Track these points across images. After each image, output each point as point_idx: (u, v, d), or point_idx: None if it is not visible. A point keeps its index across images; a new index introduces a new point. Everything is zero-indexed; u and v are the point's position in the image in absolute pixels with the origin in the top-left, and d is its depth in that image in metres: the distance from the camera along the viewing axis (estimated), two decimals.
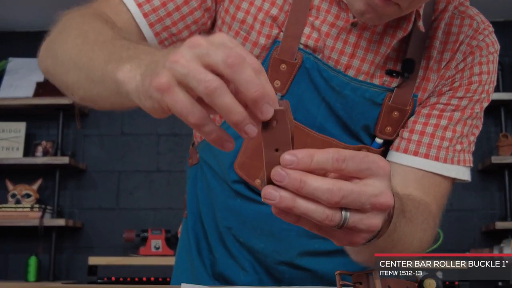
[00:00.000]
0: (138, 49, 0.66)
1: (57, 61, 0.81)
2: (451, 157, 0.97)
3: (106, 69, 0.65)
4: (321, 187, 0.55)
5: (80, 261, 3.59)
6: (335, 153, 0.55)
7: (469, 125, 0.99)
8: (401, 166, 0.97)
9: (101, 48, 0.71)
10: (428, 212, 0.92)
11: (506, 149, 3.39)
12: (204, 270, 1.07)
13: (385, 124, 0.97)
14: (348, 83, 0.94)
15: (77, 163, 3.62)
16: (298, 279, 1.01)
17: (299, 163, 0.55)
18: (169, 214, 3.62)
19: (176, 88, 0.54)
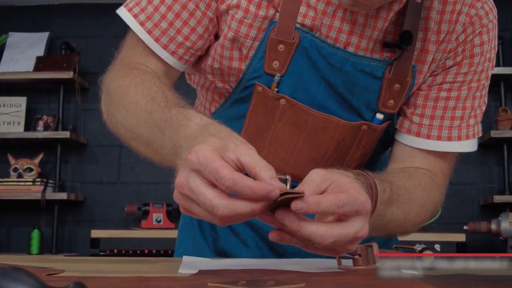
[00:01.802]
0: (167, 129, 0.77)
1: (122, 136, 0.92)
2: (465, 133, 0.99)
3: (167, 156, 0.78)
4: (315, 232, 0.66)
5: (82, 234, 3.63)
6: (337, 200, 0.67)
7: (478, 97, 1.00)
8: (411, 148, 1.00)
9: (146, 130, 0.83)
10: (431, 185, 0.96)
11: (505, 123, 3.40)
12: (206, 246, 1.09)
13: (387, 98, 0.97)
14: (348, 59, 0.94)
15: (78, 137, 3.62)
16: (300, 253, 1.02)
17: (308, 209, 0.65)
18: (170, 188, 3.62)
19: (191, 211, 0.68)
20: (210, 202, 0.64)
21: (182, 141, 0.72)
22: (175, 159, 0.74)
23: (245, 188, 0.63)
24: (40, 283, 0.40)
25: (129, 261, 0.98)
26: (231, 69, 0.97)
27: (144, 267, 0.84)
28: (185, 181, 0.66)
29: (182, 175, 0.66)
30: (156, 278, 0.65)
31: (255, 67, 0.96)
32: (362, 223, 0.70)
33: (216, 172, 0.63)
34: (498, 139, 3.39)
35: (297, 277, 0.67)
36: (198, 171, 0.65)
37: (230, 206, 0.63)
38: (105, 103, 0.97)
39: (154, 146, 0.81)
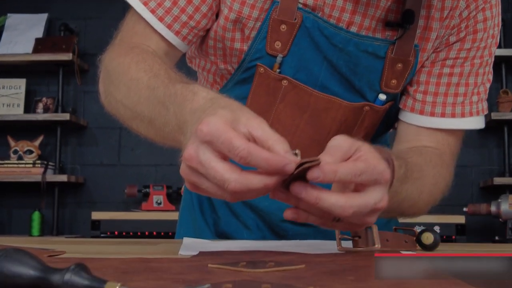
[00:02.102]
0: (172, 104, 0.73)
1: (122, 116, 0.89)
2: (469, 110, 0.99)
3: (170, 133, 0.74)
4: (335, 204, 0.63)
5: (83, 216, 3.64)
6: (354, 168, 0.64)
7: (481, 74, 0.99)
8: (416, 126, 1.00)
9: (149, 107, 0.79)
10: (441, 163, 0.95)
11: (506, 106, 3.39)
12: (207, 228, 1.09)
13: (389, 77, 0.97)
14: (351, 39, 0.94)
15: (78, 119, 3.62)
16: (301, 235, 1.03)
17: (324, 178, 0.62)
18: (170, 170, 3.65)
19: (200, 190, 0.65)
20: (221, 176, 0.60)
21: (188, 115, 0.69)
22: (179, 136, 0.71)
23: (260, 160, 0.59)
24: (41, 264, 0.40)
25: (130, 243, 0.98)
26: (233, 50, 0.97)
27: (145, 248, 0.85)
28: (195, 153, 0.61)
29: (191, 147, 0.62)
30: (156, 259, 0.65)
31: (257, 48, 0.95)
32: (381, 193, 0.67)
33: (230, 143, 0.59)
34: (498, 121, 3.39)
35: (297, 259, 0.67)
36: (209, 143, 0.61)
37: (242, 180, 0.60)
38: (103, 83, 0.94)
39: (157, 124, 0.77)
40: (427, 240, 0.78)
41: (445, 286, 0.48)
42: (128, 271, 0.56)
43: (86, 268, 0.40)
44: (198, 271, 0.57)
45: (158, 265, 0.60)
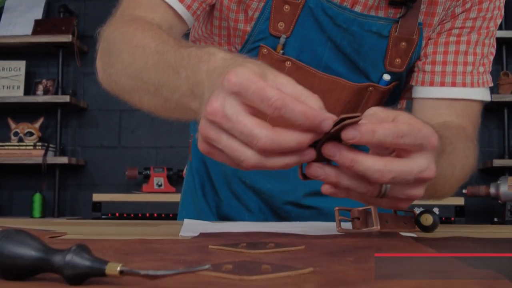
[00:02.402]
0: (183, 67, 0.67)
1: (123, 89, 0.82)
2: (477, 80, 0.97)
3: (179, 101, 0.68)
4: (372, 167, 0.57)
5: (84, 198, 3.65)
6: (395, 129, 0.58)
7: (487, 45, 0.99)
8: (429, 100, 0.98)
9: (157, 73, 0.72)
10: (466, 136, 0.92)
11: (507, 87, 3.38)
12: (209, 211, 1.10)
13: (393, 56, 0.96)
14: (355, 18, 0.93)
15: (78, 101, 3.62)
16: (303, 217, 1.03)
17: (361, 138, 0.56)
18: (170, 152, 3.66)
19: (215, 152, 0.58)
20: (250, 131, 0.53)
21: (205, 76, 0.62)
22: (190, 102, 0.65)
23: (296, 112, 0.53)
24: (42, 245, 0.40)
25: (131, 224, 0.99)
26: (236, 31, 0.96)
27: (145, 230, 0.85)
28: (220, 106, 0.55)
29: (215, 99, 0.55)
30: (157, 241, 0.66)
31: (260, 29, 0.94)
32: (427, 160, 0.60)
33: (263, 92, 0.53)
34: (498, 103, 3.38)
35: (297, 240, 0.68)
36: (238, 94, 0.55)
37: (274, 137, 0.54)
38: (102, 56, 0.88)
39: (164, 91, 0.70)
40: (426, 221, 0.78)
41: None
42: (129, 252, 0.56)
43: (87, 249, 0.40)
44: (198, 252, 0.57)
45: (158, 246, 0.60)
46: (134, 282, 0.40)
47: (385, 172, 0.57)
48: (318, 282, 0.41)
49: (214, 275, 0.43)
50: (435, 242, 0.67)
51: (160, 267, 0.47)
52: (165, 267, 0.47)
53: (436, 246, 0.61)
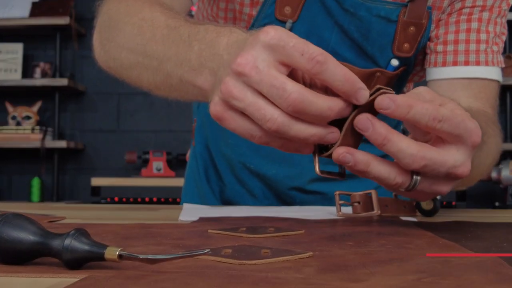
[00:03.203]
0: (198, 41, 0.62)
1: (122, 65, 0.77)
2: (491, 59, 0.95)
3: (183, 76, 0.63)
4: (405, 150, 0.53)
5: (83, 182, 3.66)
6: (435, 111, 0.53)
7: (499, 24, 0.96)
8: (444, 81, 0.95)
9: (164, 46, 0.67)
10: (490, 120, 0.87)
11: (509, 71, 3.37)
12: (212, 196, 1.09)
13: (402, 41, 0.95)
14: (363, 3, 0.92)
15: (76, 84, 3.61)
16: (308, 203, 1.03)
17: (395, 110, 0.52)
18: (170, 136, 3.65)
19: (230, 115, 0.54)
20: (282, 84, 0.50)
21: (223, 48, 0.57)
22: (196, 77, 0.61)
23: (337, 72, 0.50)
24: (41, 229, 0.40)
25: (130, 209, 0.99)
26: (242, 14, 0.95)
27: (145, 214, 0.85)
28: (252, 58, 0.51)
29: (249, 52, 0.51)
30: (157, 225, 0.65)
31: (266, 13, 0.93)
32: (464, 156, 0.56)
33: (305, 46, 0.50)
34: (501, 87, 3.36)
35: (297, 224, 0.67)
36: (275, 49, 0.51)
37: (306, 93, 0.50)
38: (101, 30, 0.83)
39: (169, 65, 0.66)
40: (427, 206, 0.78)
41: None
42: (128, 236, 0.56)
43: (86, 233, 0.40)
44: (198, 236, 0.57)
45: (158, 231, 0.60)
46: (133, 266, 0.40)
47: (417, 158, 0.53)
48: (318, 266, 0.41)
49: (213, 260, 0.42)
50: (436, 226, 0.67)
51: (159, 251, 0.47)
52: (164, 251, 0.47)
53: (436, 230, 0.61)
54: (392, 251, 0.48)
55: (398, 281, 0.36)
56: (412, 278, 0.37)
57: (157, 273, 0.38)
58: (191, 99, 0.68)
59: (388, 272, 0.39)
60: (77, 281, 0.36)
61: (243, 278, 0.37)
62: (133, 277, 0.37)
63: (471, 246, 0.51)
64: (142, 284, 0.35)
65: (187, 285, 0.35)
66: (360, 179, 0.95)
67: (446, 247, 0.50)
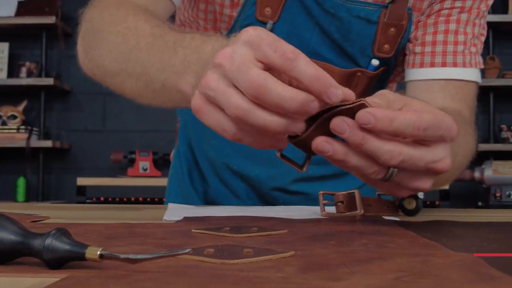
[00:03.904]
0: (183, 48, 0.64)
1: (106, 72, 0.78)
2: (469, 60, 0.95)
3: (166, 81, 0.64)
4: (382, 147, 0.54)
5: (69, 182, 3.64)
6: (418, 121, 0.53)
7: (478, 25, 0.97)
8: (422, 82, 0.96)
9: (148, 53, 0.69)
10: (464, 121, 0.89)
11: (492, 72, 3.41)
12: (196, 196, 1.09)
13: (382, 42, 0.96)
14: (343, 4, 0.92)
15: (62, 84, 3.59)
16: (291, 203, 1.03)
17: (376, 124, 0.53)
18: (156, 136, 3.64)
19: (206, 109, 0.54)
20: (248, 69, 0.51)
21: (209, 55, 0.58)
22: (180, 81, 0.62)
23: (308, 69, 0.51)
24: (22, 229, 0.40)
25: (115, 209, 0.99)
26: (222, 16, 0.95)
27: (130, 214, 0.85)
28: (231, 50, 0.53)
29: (230, 46, 0.53)
30: (140, 225, 0.65)
31: (246, 14, 0.93)
32: (444, 151, 0.57)
33: (279, 43, 0.51)
34: (484, 88, 3.40)
35: (280, 224, 0.68)
36: (252, 45, 0.52)
37: (268, 78, 0.51)
38: (85, 38, 0.84)
39: (152, 71, 0.67)
40: (409, 205, 0.79)
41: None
42: (111, 236, 0.56)
43: (67, 233, 0.39)
44: (181, 236, 0.57)
45: (141, 230, 0.60)
46: (115, 266, 0.40)
47: (395, 153, 0.54)
48: (299, 265, 0.41)
49: (196, 259, 0.42)
50: (418, 225, 0.67)
51: (142, 251, 0.47)
52: (147, 251, 0.47)
53: (418, 230, 0.62)
54: (374, 251, 0.48)
55: (378, 280, 0.36)
56: (392, 277, 0.37)
57: (139, 273, 0.38)
58: (174, 105, 0.69)
59: (368, 271, 0.39)
60: (57, 281, 0.36)
61: (224, 277, 0.37)
62: (114, 276, 0.37)
63: (451, 245, 0.51)
64: (123, 283, 0.35)
65: (168, 284, 0.35)
66: (343, 179, 0.96)
67: (427, 246, 0.51)
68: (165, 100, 0.68)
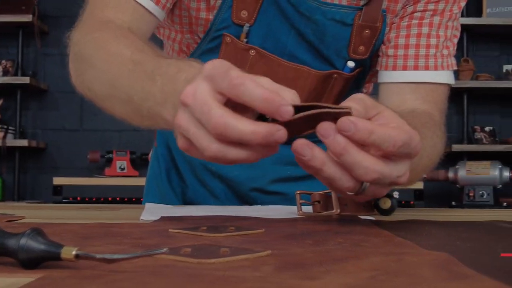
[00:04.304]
0: (160, 76, 0.65)
1: (96, 96, 0.80)
2: (441, 63, 0.97)
3: (151, 109, 0.66)
4: (360, 162, 0.55)
5: (45, 182, 3.60)
6: (396, 138, 0.55)
7: (451, 28, 0.98)
8: (394, 84, 0.97)
9: (130, 81, 0.70)
10: (434, 123, 0.90)
11: (466, 74, 3.45)
12: (174, 197, 1.09)
13: (357, 44, 0.97)
14: (318, 7, 0.93)
15: (39, 83, 3.55)
16: (269, 203, 1.03)
17: (355, 134, 0.53)
18: (134, 135, 3.62)
19: (192, 148, 0.55)
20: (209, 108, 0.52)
21: (182, 85, 0.59)
22: (162, 111, 0.63)
23: (255, 93, 0.51)
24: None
25: (91, 208, 0.98)
26: (199, 20, 0.95)
27: (106, 214, 0.84)
28: (193, 89, 0.53)
29: (191, 85, 0.54)
30: (117, 225, 0.65)
31: (223, 17, 0.94)
32: (406, 167, 0.59)
33: (228, 72, 0.52)
34: (458, 89, 3.45)
35: (258, 223, 0.68)
36: (210, 79, 0.53)
37: (229, 118, 0.51)
38: (74, 61, 0.86)
39: (136, 99, 0.69)
40: (385, 205, 0.80)
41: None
42: (87, 236, 0.56)
43: (43, 233, 0.39)
44: (158, 235, 0.57)
45: (118, 230, 0.60)
46: (90, 266, 0.40)
47: (370, 171, 0.55)
48: (275, 264, 0.41)
49: (172, 259, 0.43)
50: (392, 225, 0.68)
51: (118, 251, 0.47)
52: (123, 251, 0.47)
53: (393, 229, 0.63)
54: (349, 250, 0.49)
55: (352, 279, 0.37)
56: (366, 276, 0.38)
57: (115, 273, 0.38)
58: (162, 128, 0.69)
59: (344, 270, 0.40)
60: (32, 281, 0.35)
61: (200, 277, 0.37)
62: (90, 276, 0.37)
63: (425, 244, 0.52)
64: (99, 283, 0.35)
65: (145, 284, 0.35)
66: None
67: (402, 245, 0.52)
68: (154, 124, 0.69)
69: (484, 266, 0.42)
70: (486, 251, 0.49)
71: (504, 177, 3.19)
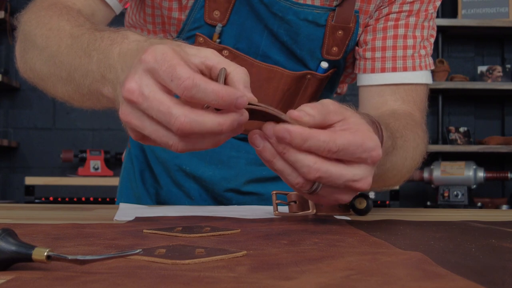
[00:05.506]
0: (96, 51, 0.64)
1: (38, 75, 0.78)
2: (418, 63, 0.97)
3: (91, 86, 0.64)
4: (301, 161, 0.56)
5: (17, 181, 3.54)
6: (330, 143, 0.56)
7: (427, 28, 0.99)
8: (373, 87, 0.97)
9: (69, 57, 0.69)
10: (415, 123, 0.90)
11: (441, 75, 3.49)
12: (148, 198, 1.08)
13: (330, 45, 0.97)
14: (290, 7, 0.93)
15: (10, 80, 3.49)
16: (244, 204, 1.03)
17: (291, 141, 0.55)
18: (108, 134, 3.59)
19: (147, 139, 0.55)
20: (168, 109, 0.50)
21: (116, 59, 0.59)
22: (102, 88, 0.62)
23: (208, 92, 0.50)
24: None
25: (64, 209, 0.97)
26: (171, 19, 0.94)
27: (80, 214, 0.83)
28: (136, 85, 0.52)
29: (132, 78, 0.52)
30: (90, 225, 0.64)
31: (195, 17, 0.93)
32: (364, 172, 0.58)
33: (173, 70, 0.50)
34: (433, 90, 3.49)
35: (233, 223, 0.68)
36: (153, 72, 0.51)
37: (192, 116, 0.50)
38: (20, 41, 0.84)
39: (76, 76, 0.67)
40: (360, 205, 0.80)
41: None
42: (59, 237, 0.55)
43: (14, 234, 0.38)
44: (132, 236, 0.56)
45: (91, 231, 0.59)
46: (62, 267, 0.39)
47: (312, 170, 0.56)
48: (251, 264, 0.41)
49: (146, 260, 0.42)
50: (368, 225, 0.68)
51: (91, 252, 0.47)
52: (96, 252, 0.47)
53: (368, 229, 0.63)
54: (324, 249, 0.49)
55: (327, 279, 0.37)
56: (341, 275, 0.38)
57: (87, 274, 0.37)
58: (104, 107, 0.69)
59: (319, 270, 0.40)
60: (3, 283, 0.35)
61: (175, 278, 0.36)
62: (62, 278, 0.36)
63: (399, 244, 0.52)
64: (71, 285, 0.34)
65: (117, 286, 0.34)
66: None
67: (376, 245, 0.52)
68: (95, 103, 0.68)
69: (457, 265, 0.42)
70: (460, 250, 0.49)
71: (479, 178, 3.24)
